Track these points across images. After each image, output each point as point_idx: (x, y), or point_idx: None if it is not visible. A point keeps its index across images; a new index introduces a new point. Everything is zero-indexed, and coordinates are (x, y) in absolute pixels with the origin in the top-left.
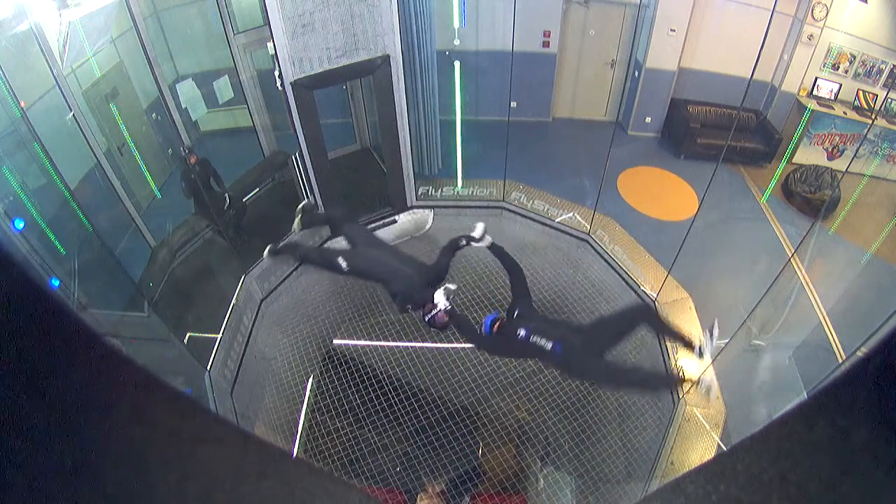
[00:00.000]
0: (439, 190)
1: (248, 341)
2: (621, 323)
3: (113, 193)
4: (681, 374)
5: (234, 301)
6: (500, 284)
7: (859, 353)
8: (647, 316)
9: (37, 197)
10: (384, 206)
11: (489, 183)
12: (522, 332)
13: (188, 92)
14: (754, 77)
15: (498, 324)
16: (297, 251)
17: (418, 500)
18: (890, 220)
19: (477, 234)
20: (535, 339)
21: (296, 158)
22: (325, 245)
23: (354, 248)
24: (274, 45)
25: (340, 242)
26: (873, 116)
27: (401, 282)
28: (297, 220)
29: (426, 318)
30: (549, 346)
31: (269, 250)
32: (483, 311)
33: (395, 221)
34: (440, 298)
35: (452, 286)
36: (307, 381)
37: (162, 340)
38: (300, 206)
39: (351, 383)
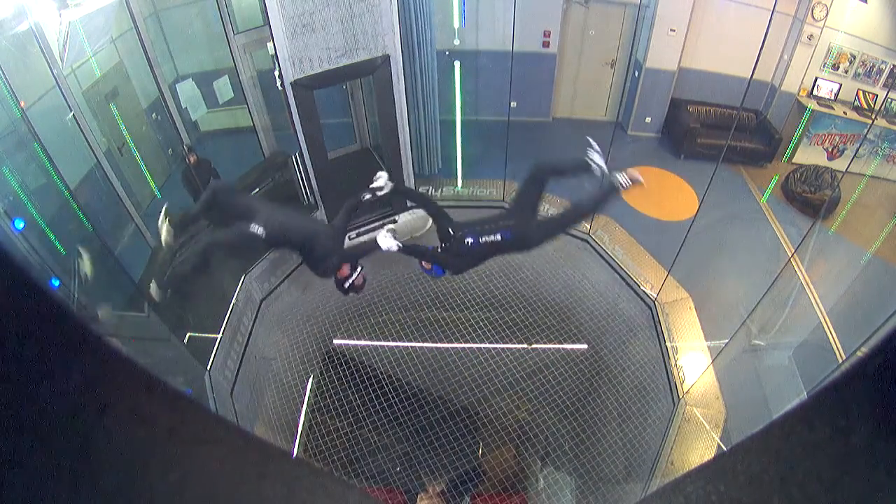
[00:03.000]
0: (439, 190)
1: (248, 341)
2: (532, 188)
3: (113, 193)
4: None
5: (234, 301)
6: (500, 285)
7: (859, 353)
8: (543, 170)
9: (37, 197)
10: (384, 206)
11: (489, 183)
12: (470, 240)
13: (188, 92)
14: (754, 77)
15: (442, 247)
16: (204, 248)
17: (418, 500)
18: (890, 220)
19: (381, 183)
20: (485, 238)
21: (296, 158)
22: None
23: (258, 215)
24: (274, 45)
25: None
26: (873, 116)
27: (322, 242)
28: (164, 231)
29: (346, 284)
30: (499, 237)
31: (165, 281)
32: (483, 310)
33: (395, 221)
34: (386, 240)
35: (392, 225)
36: (307, 381)
37: (162, 340)
38: (165, 218)
39: (351, 383)
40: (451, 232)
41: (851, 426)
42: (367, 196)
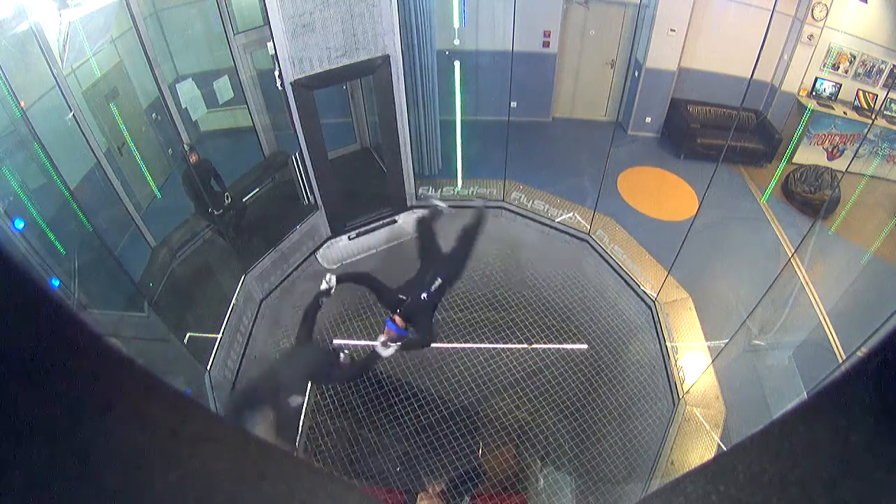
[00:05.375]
0: (439, 190)
1: (248, 341)
2: (427, 241)
3: (113, 193)
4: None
5: (234, 301)
6: (500, 285)
7: (859, 353)
8: (423, 224)
9: (37, 197)
10: (384, 206)
11: (489, 183)
12: (424, 294)
13: (188, 92)
14: (754, 77)
15: (399, 314)
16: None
17: (418, 500)
18: (890, 220)
19: (325, 286)
20: (433, 285)
21: (296, 158)
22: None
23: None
24: (274, 45)
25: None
26: (873, 116)
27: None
28: None
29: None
30: (439, 280)
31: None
32: (482, 310)
33: (394, 222)
34: (385, 350)
35: (384, 338)
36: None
37: (162, 340)
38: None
39: (351, 383)
40: (404, 297)
41: (851, 426)
42: (323, 299)
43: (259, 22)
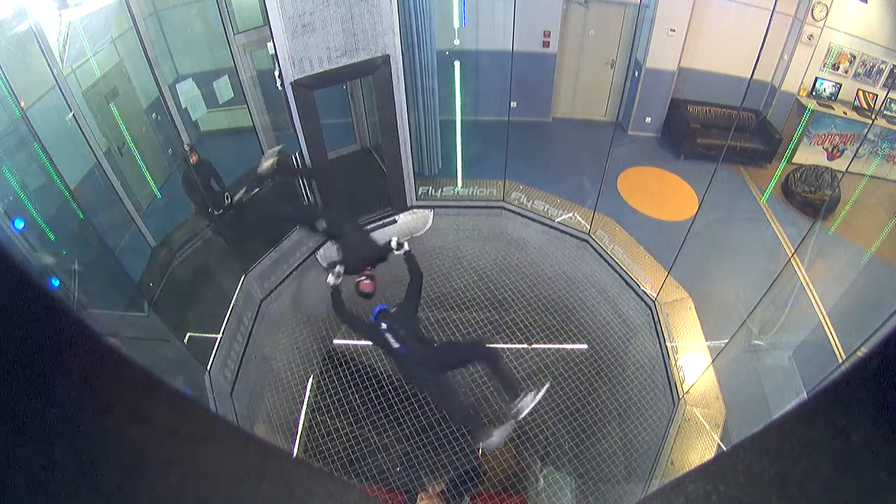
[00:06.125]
0: (439, 190)
1: (248, 341)
2: (464, 354)
3: (113, 193)
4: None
5: (234, 301)
6: (500, 285)
7: (859, 353)
8: (488, 358)
9: (37, 197)
10: (384, 206)
11: (489, 183)
12: (384, 325)
13: (188, 92)
14: (754, 77)
15: (383, 315)
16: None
17: (418, 500)
18: (890, 220)
19: (403, 251)
20: (387, 335)
21: (296, 158)
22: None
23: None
24: (274, 45)
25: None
26: (873, 116)
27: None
28: (269, 161)
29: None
30: (395, 345)
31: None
32: (483, 310)
33: (395, 221)
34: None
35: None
36: (307, 381)
37: (162, 340)
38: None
39: (351, 383)
40: (388, 309)
41: (851, 426)
42: (395, 249)
43: (259, 22)
